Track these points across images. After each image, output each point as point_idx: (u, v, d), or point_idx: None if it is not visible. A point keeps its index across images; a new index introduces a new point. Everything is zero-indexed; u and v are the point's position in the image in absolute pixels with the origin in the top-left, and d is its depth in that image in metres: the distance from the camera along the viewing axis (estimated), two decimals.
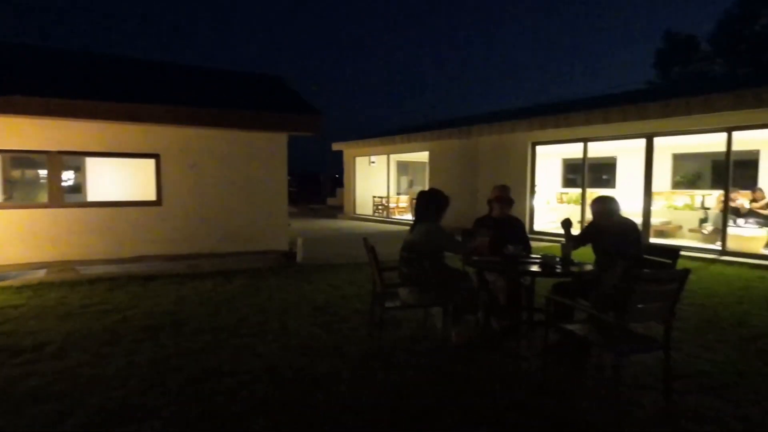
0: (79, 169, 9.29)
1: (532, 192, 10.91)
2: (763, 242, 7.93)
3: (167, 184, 7.17)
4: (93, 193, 8.44)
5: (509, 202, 4.17)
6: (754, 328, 4.16)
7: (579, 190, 10.88)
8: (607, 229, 3.50)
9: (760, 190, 9.16)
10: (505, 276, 3.77)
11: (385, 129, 18.77)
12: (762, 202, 8.91)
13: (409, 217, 14.94)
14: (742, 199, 9.20)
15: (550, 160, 13.78)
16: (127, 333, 3.92)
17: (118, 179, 8.07)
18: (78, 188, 9.57)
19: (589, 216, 6.05)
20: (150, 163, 7.12)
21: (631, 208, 9.94)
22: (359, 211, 16.73)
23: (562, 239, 3.72)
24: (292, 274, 6.36)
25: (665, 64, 27.79)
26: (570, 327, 3.01)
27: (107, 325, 4.12)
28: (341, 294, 5.27)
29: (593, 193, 12.16)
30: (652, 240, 9.05)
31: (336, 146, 17.23)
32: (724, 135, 7.87)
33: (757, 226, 8.32)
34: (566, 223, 3.73)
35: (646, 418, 2.61)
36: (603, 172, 14.39)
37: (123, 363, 3.29)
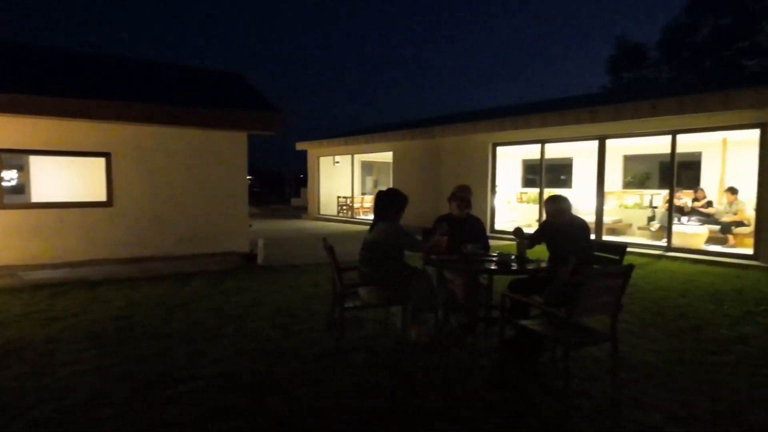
0: (23, 169, 8.74)
1: (493, 192, 11.16)
2: (704, 239, 8.45)
3: (119, 184, 6.87)
4: (37, 194, 7.96)
5: (466, 203, 4.24)
6: (695, 320, 4.41)
7: (537, 190, 11.21)
8: (560, 227, 3.62)
9: (702, 189, 9.77)
10: (464, 274, 3.83)
11: (351, 129, 18.73)
12: (703, 201, 9.50)
13: (372, 216, 14.94)
14: (685, 198, 9.78)
15: (510, 160, 14.15)
16: (72, 341, 3.71)
17: (66, 179, 7.64)
18: (21, 189, 9.01)
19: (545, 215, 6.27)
20: (100, 162, 6.79)
21: (586, 207, 10.38)
22: (324, 211, 16.60)
23: (515, 239, 3.83)
24: (252, 276, 6.22)
25: (617, 70, 29.10)
26: (525, 323, 3.10)
27: (50, 334, 3.89)
28: (302, 295, 5.20)
29: (551, 192, 12.62)
30: (606, 237, 9.46)
31: (300, 146, 17.02)
32: (668, 138, 8.33)
33: (698, 224, 8.86)
34: (518, 231, 3.84)
35: (595, 408, 2.71)
36: (560, 172, 14.93)
37: (66, 373, 3.11)
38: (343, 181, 16.30)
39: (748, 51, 23.24)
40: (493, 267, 3.52)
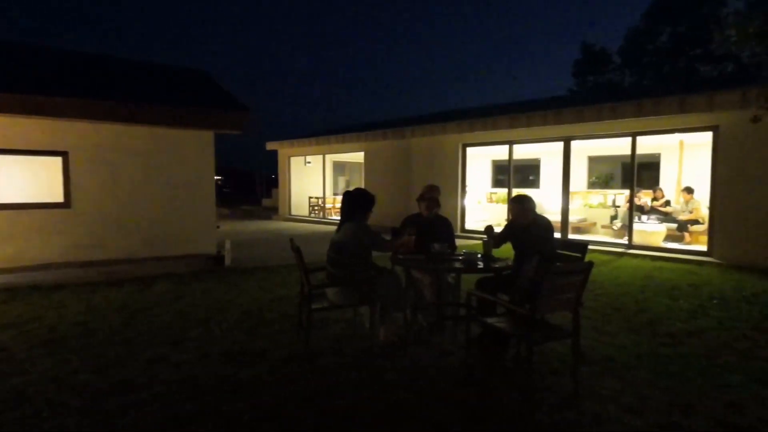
0: None
1: (463, 192, 11.32)
2: (663, 236, 8.83)
3: (77, 185, 6.58)
4: None
5: (435, 203, 4.28)
6: (652, 314, 4.60)
7: (506, 190, 11.43)
8: (524, 226, 3.71)
9: (661, 189, 10.20)
10: (431, 273, 3.87)
11: (323, 129, 18.61)
12: (662, 201, 9.92)
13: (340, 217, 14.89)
14: (645, 198, 10.20)
15: (480, 161, 14.39)
16: (24, 348, 3.54)
17: (21, 179, 7.27)
18: None
19: None
20: (57, 162, 6.50)
21: (552, 207, 10.67)
22: (295, 211, 16.43)
23: (485, 237, 3.89)
24: (220, 279, 6.09)
25: (582, 74, 30.04)
26: (490, 320, 3.15)
27: (2, 341, 3.69)
28: (271, 297, 5.13)
29: (519, 192, 12.90)
30: (571, 236, 9.74)
31: (270, 146, 16.78)
32: (629, 139, 8.66)
33: (657, 222, 9.25)
34: (488, 229, 3.91)
35: (556, 402, 2.79)
36: (529, 173, 15.29)
37: (18, 382, 2.96)
38: (315, 182, 16.18)
39: (702, 58, 24.42)
40: (459, 266, 3.57)
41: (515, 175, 11.97)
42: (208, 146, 7.60)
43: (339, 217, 3.78)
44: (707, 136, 7.87)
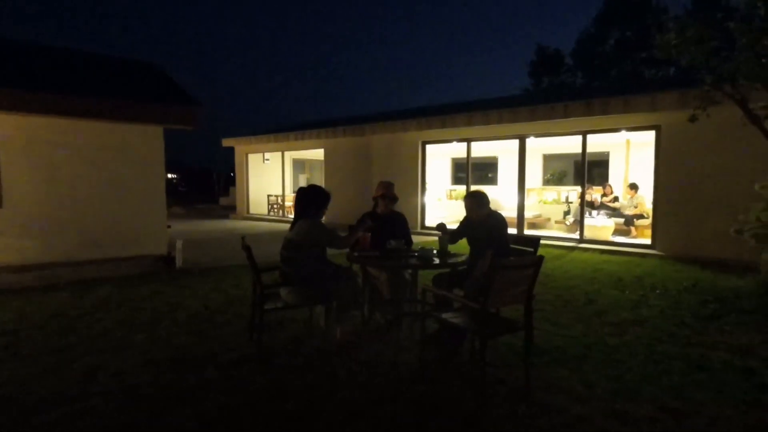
0: None
1: (423, 189, 11.39)
2: (611, 231, 9.24)
3: (11, 182, 6.09)
4: None
5: (393, 199, 4.25)
6: (600, 305, 4.78)
7: (464, 187, 11.60)
8: (479, 222, 3.74)
9: (609, 185, 10.67)
10: (387, 270, 3.83)
11: (282, 126, 18.21)
12: (611, 196, 10.38)
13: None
14: (596, 194, 10.64)
15: (440, 159, 14.56)
16: None
17: None
18: None
19: None
20: None
21: (509, 203, 10.94)
22: (253, 210, 16.02)
23: (440, 234, 3.90)
24: (169, 281, 5.81)
25: (538, 74, 31.06)
26: (445, 316, 3.15)
27: None
28: (224, 298, 4.94)
29: (477, 189, 13.13)
30: (527, 231, 10.01)
31: (226, 142, 16.27)
32: (580, 137, 8.99)
33: (606, 217, 9.66)
34: (441, 226, 3.92)
35: (509, 395, 2.82)
36: (487, 170, 15.64)
37: None
38: (274, 179, 15.84)
39: (646, 61, 25.79)
40: (415, 262, 3.55)
41: (474, 172, 12.19)
42: (157, 142, 7.24)
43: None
44: (651, 135, 8.29)
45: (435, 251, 3.71)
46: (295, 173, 17.63)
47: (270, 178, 16.06)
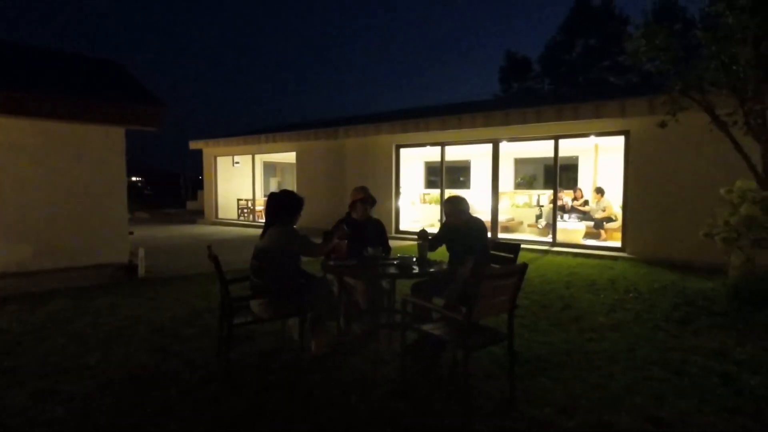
0: None
1: (397, 193, 11.29)
2: (582, 234, 9.38)
3: None
4: None
5: (372, 202, 4.10)
6: (577, 310, 4.77)
7: (438, 191, 11.58)
8: (458, 228, 3.64)
9: (580, 189, 10.86)
10: (364, 279, 3.68)
11: (253, 128, 17.77)
12: (581, 200, 10.56)
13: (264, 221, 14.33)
14: (567, 198, 10.81)
15: (414, 162, 14.51)
16: None
17: None
18: None
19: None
20: None
21: (482, 207, 10.97)
22: (222, 215, 15.52)
23: (420, 240, 3.78)
24: (131, 292, 5.45)
25: (507, 80, 31.66)
26: (425, 327, 3.02)
27: None
28: (189, 310, 4.65)
29: (451, 193, 13.16)
30: (500, 235, 10.05)
31: (194, 145, 15.72)
32: (551, 142, 9.10)
33: (577, 221, 9.82)
34: (422, 233, 3.79)
35: (493, 408, 2.71)
36: (460, 174, 15.70)
37: None
38: (244, 183, 15.41)
39: (610, 69, 26.68)
40: (393, 271, 3.41)
41: (448, 176, 12.19)
42: (117, 144, 6.85)
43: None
44: (619, 140, 8.47)
45: (414, 258, 3.58)
46: (266, 177, 17.23)
47: (240, 181, 15.62)
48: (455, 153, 12.42)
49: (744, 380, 3.07)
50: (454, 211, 3.64)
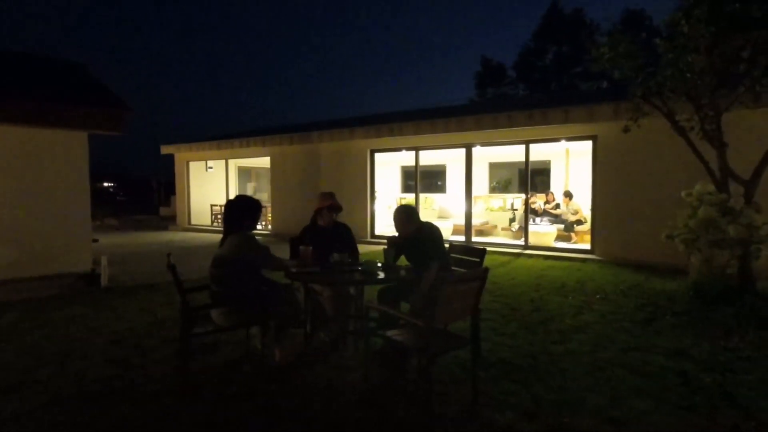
0: None
1: (373, 197, 11.28)
2: (554, 236, 9.55)
3: None
4: None
5: (338, 209, 4.06)
6: (545, 312, 4.82)
7: (414, 195, 11.61)
8: (412, 235, 3.62)
9: (552, 193, 11.06)
10: (330, 285, 3.64)
11: (226, 133, 17.47)
12: (553, 204, 10.76)
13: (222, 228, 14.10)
14: (539, 201, 10.99)
15: (390, 167, 14.54)
16: None
17: None
18: None
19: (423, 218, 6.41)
20: None
21: (458, 211, 11.05)
22: (195, 221, 15.20)
23: (387, 246, 3.75)
24: (92, 302, 5.25)
25: (483, 85, 32.14)
26: (390, 333, 3.00)
27: None
28: (152, 320, 4.51)
29: (427, 197, 13.25)
30: (474, 238, 10.14)
31: (165, 149, 15.37)
32: (523, 146, 9.25)
33: (549, 224, 9.99)
34: (390, 239, 3.78)
35: (456, 414, 2.70)
36: (436, 178, 15.80)
37: None
38: (218, 188, 15.13)
39: (581, 75, 27.38)
40: (358, 277, 3.38)
41: (423, 180, 12.25)
42: (80, 149, 6.62)
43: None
44: (588, 145, 8.66)
45: (380, 264, 3.56)
46: (241, 182, 16.98)
47: (213, 186, 15.34)
48: (431, 157, 12.50)
49: (700, 379, 3.15)
50: (398, 220, 3.63)
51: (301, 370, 3.27)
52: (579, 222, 9.71)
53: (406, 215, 3.59)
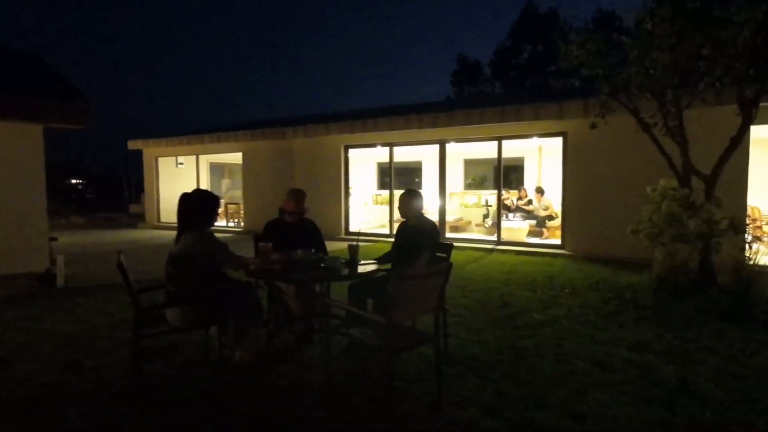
0: None
1: (347, 194, 11.17)
2: (526, 232, 9.65)
3: None
4: None
5: (300, 214, 3.95)
6: (514, 307, 4.84)
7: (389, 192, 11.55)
8: (409, 226, 3.66)
9: (524, 189, 11.19)
10: (294, 283, 3.54)
11: (201, 128, 17.00)
12: (526, 200, 10.88)
13: (223, 223, 13.84)
14: (512, 197, 11.10)
15: (367, 164, 14.44)
16: None
17: None
18: None
19: (397, 216, 6.42)
20: None
21: (434, 207, 11.05)
22: (165, 218, 14.77)
23: (366, 239, 3.70)
24: (46, 303, 4.99)
25: (459, 83, 32.31)
26: (353, 331, 2.93)
27: None
28: (109, 321, 4.32)
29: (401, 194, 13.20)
30: (449, 235, 10.16)
31: (133, 144, 14.88)
32: (496, 143, 9.30)
33: (521, 219, 10.09)
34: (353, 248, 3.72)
35: (419, 412, 2.66)
36: (412, 175, 15.79)
37: None
38: (189, 185, 14.71)
39: (555, 74, 27.81)
40: (319, 274, 3.29)
41: (400, 177, 12.22)
42: (34, 143, 6.31)
43: (217, 223, 3.22)
44: (559, 142, 8.77)
45: (343, 261, 3.48)
46: (214, 178, 16.59)
47: (184, 183, 14.90)
48: (407, 154, 12.46)
49: (661, 371, 3.20)
50: (405, 201, 3.66)
51: (263, 370, 3.17)
52: (550, 217, 9.84)
53: (413, 195, 3.70)
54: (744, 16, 4.31)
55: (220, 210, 15.00)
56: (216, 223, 3.21)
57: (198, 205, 3.03)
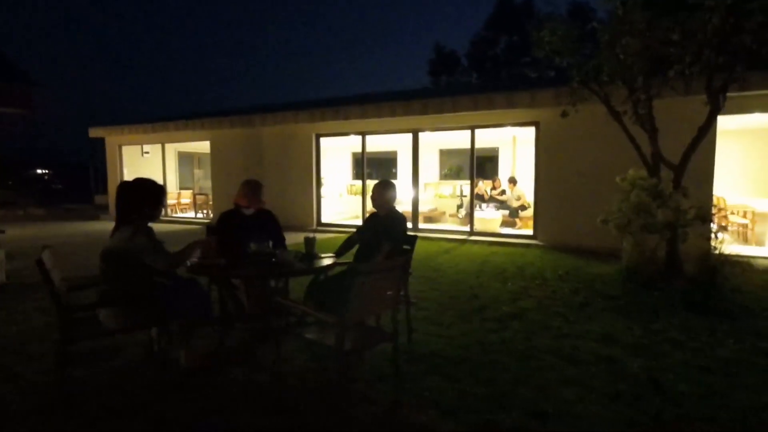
0: None
1: (318, 184, 10.89)
2: (499, 222, 9.59)
3: None
4: None
5: (257, 200, 3.72)
6: (482, 300, 4.72)
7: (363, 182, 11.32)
8: (380, 218, 3.50)
9: (498, 179, 11.13)
10: (240, 279, 3.31)
11: (167, 116, 16.29)
12: (499, 190, 10.83)
13: (192, 214, 13.38)
14: (486, 187, 11.03)
15: (341, 153, 14.15)
16: None
17: None
18: None
19: (369, 206, 6.24)
20: None
21: (408, 198, 10.89)
22: None
23: (340, 231, 3.49)
24: None
25: (436, 73, 32.12)
26: (308, 331, 2.73)
27: None
28: (48, 321, 3.98)
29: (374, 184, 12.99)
30: (422, 225, 10.02)
31: (94, 132, 14.16)
32: (468, 132, 9.17)
33: (495, 210, 10.03)
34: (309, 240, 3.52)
35: (376, 415, 2.48)
36: (388, 165, 15.58)
37: None
38: (155, 175, 14.12)
39: (530, 64, 27.92)
40: (269, 269, 3.07)
41: (375, 167, 11.97)
42: None
43: (185, 215, 2.94)
44: (532, 132, 8.69)
45: (299, 255, 3.26)
46: (183, 168, 16.01)
47: (151, 173, 14.27)
48: (381, 144, 12.23)
49: (628, 364, 3.12)
50: (379, 192, 3.48)
51: (211, 374, 2.94)
52: (523, 207, 9.81)
53: (386, 186, 3.55)
54: (713, 1, 4.23)
55: (188, 200, 14.53)
56: (184, 214, 2.94)
57: (138, 196, 2.73)
